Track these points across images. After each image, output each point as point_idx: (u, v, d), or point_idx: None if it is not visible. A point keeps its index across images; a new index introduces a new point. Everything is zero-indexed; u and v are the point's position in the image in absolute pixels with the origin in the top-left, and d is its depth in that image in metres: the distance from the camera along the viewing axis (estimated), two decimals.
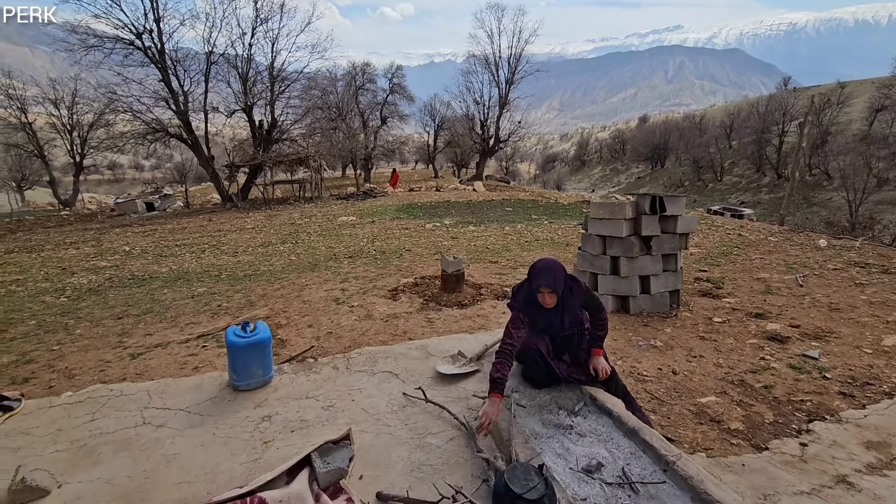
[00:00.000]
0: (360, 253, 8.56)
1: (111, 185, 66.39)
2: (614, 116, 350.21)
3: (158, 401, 2.90)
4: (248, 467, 2.32)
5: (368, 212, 15.41)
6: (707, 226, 10.57)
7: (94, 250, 10.59)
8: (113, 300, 6.24)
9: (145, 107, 19.18)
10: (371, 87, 37.74)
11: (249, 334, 2.94)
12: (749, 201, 41.04)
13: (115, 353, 4.31)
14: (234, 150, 21.41)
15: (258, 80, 22.02)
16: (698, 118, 66.69)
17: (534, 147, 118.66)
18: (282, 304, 5.60)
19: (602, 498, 2.04)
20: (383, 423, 2.64)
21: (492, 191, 23.95)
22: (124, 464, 2.35)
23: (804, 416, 2.81)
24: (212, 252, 9.69)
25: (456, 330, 4.38)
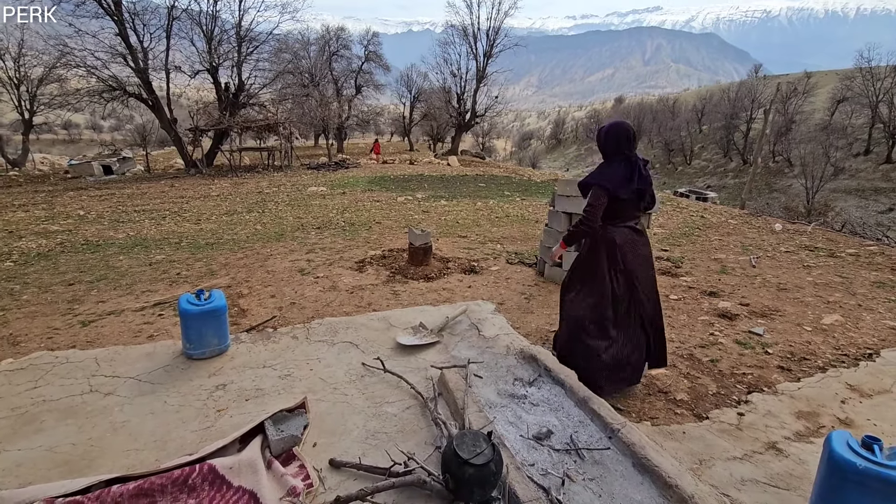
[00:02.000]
0: (329, 224, 8.42)
1: (66, 145, 62.67)
2: (591, 96, 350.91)
3: (107, 368, 2.81)
4: (199, 435, 2.29)
5: (340, 183, 15.10)
6: (672, 207, 10.85)
7: (46, 214, 10.04)
8: (64, 266, 5.96)
9: (101, 62, 17.97)
10: (346, 54, 36.49)
11: (204, 302, 2.87)
12: (715, 185, 42.30)
13: (64, 321, 4.14)
14: (199, 114, 20.43)
15: (224, 39, 20.91)
16: (672, 101, 67.64)
17: (511, 123, 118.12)
18: (244, 274, 5.47)
19: (549, 463, 2.12)
20: (341, 392, 2.64)
21: (466, 166, 23.83)
22: (69, 431, 2.29)
23: (745, 388, 2.97)
24: (173, 219, 9.34)
25: (421, 303, 4.39)
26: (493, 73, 34.06)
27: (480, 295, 4.64)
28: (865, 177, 37.35)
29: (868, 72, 40.34)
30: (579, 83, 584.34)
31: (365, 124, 39.55)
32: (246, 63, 21.59)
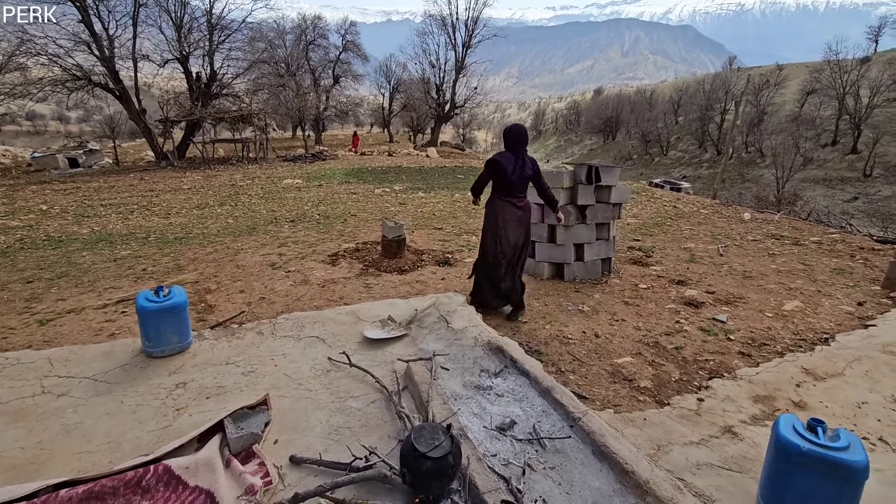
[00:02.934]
0: (303, 217, 8.29)
1: (31, 137, 60.19)
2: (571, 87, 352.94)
3: (61, 369, 2.72)
4: (156, 435, 2.24)
5: (316, 175, 14.88)
6: (647, 198, 11.01)
7: (5, 209, 9.64)
8: (23, 263, 5.74)
9: (63, 50, 17.24)
10: (323, 44, 35.78)
11: (162, 299, 2.79)
12: (690, 176, 43.16)
13: (20, 320, 3.98)
14: (170, 104, 19.83)
15: (194, 27, 20.28)
16: (649, 93, 68.51)
17: (492, 115, 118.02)
18: (213, 269, 5.36)
19: (511, 453, 2.13)
20: (305, 387, 2.61)
21: (445, 157, 23.74)
22: (18, 435, 2.21)
23: (706, 374, 3.04)
24: (141, 213, 9.07)
25: (393, 295, 4.37)
26: (472, 64, 33.92)
27: (454, 287, 4.63)
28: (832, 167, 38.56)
29: (836, 64, 41.50)
30: (559, 74, 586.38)
31: (343, 115, 38.95)
32: (218, 52, 20.99)
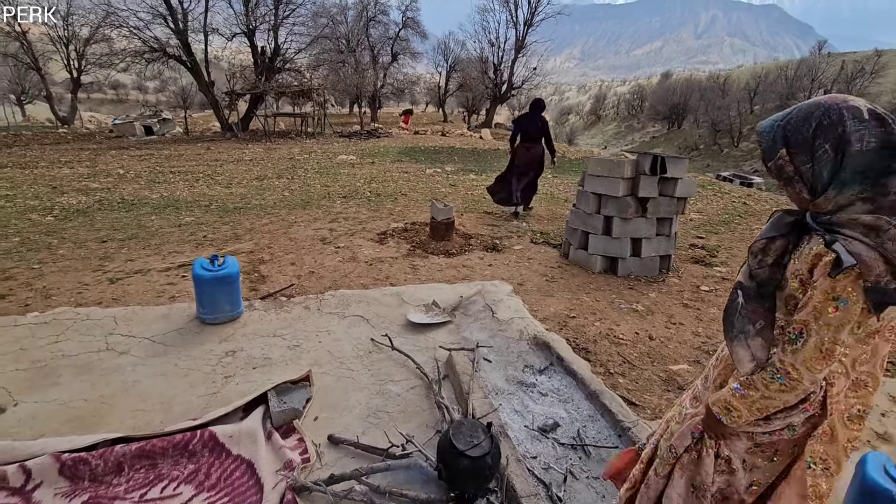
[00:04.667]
0: (355, 193, 8.39)
1: (114, 105, 64.83)
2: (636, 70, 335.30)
3: (124, 327, 2.87)
4: (205, 400, 2.31)
5: (370, 152, 15.02)
6: (713, 192, 10.29)
7: (88, 171, 10.41)
8: (100, 223, 6.16)
9: (143, 23, 18.24)
10: (383, 20, 35.75)
11: (217, 268, 2.87)
12: (762, 170, 40.12)
13: (94, 277, 4.27)
14: (236, 77, 20.59)
15: (261, 1, 20.79)
16: (722, 79, 63.78)
17: (549, 97, 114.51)
18: (268, 240, 5.52)
19: (553, 457, 2.03)
20: (346, 366, 2.62)
21: (499, 140, 23.29)
22: (82, 388, 2.35)
23: None
24: (205, 181, 9.51)
25: (439, 279, 4.32)
26: (532, 44, 32.82)
27: (500, 274, 4.52)
28: None
29: None
30: (624, 56, 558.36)
31: (400, 93, 39.06)
32: (282, 27, 21.47)
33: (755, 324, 1.15)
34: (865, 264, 0.95)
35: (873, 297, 0.96)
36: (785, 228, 1.14)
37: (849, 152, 0.99)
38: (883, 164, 0.97)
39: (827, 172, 1.02)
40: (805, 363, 1.02)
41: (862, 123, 0.98)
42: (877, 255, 0.95)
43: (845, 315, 0.98)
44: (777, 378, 1.06)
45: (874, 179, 0.98)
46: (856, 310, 0.97)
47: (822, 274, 1.00)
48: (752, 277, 1.18)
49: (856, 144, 0.98)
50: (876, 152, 0.97)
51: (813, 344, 1.01)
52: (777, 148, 1.08)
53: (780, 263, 1.13)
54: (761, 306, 1.15)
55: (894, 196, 0.97)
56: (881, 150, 0.97)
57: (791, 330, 1.06)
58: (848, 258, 0.96)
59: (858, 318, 0.99)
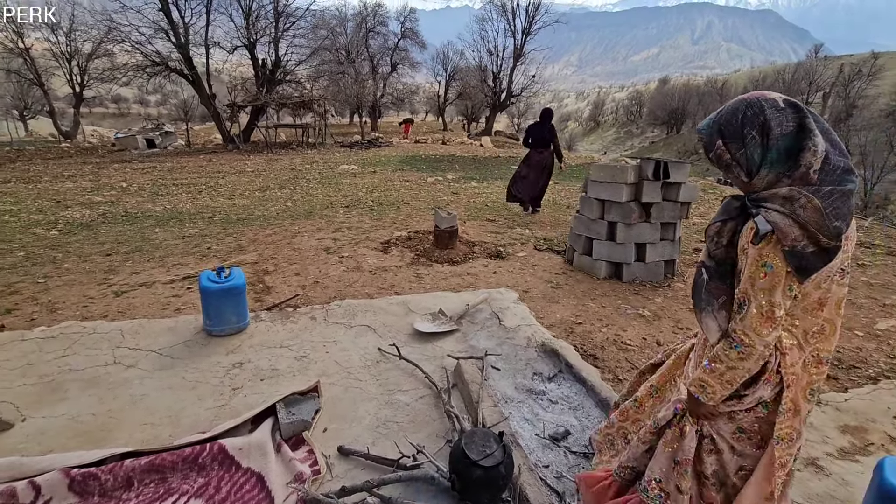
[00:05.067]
0: (357, 203, 8.41)
1: (116, 119, 65.37)
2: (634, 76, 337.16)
3: (131, 341, 2.87)
4: (213, 413, 2.30)
5: (371, 161, 15.09)
6: (715, 196, 10.29)
7: (91, 185, 10.46)
8: (104, 236, 6.18)
9: (144, 37, 18.44)
10: (382, 31, 36.16)
11: (223, 280, 2.87)
12: None
13: (99, 290, 4.27)
14: (237, 90, 20.76)
15: (262, 14, 21.05)
16: (720, 84, 64.14)
17: (548, 104, 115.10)
18: (272, 251, 5.52)
19: (565, 466, 2.02)
20: (354, 377, 2.61)
21: (499, 147, 23.40)
22: (90, 402, 2.34)
23: None
24: (208, 193, 9.55)
25: (444, 287, 4.31)
26: (531, 52, 33.11)
27: (505, 282, 4.51)
28: None
29: None
30: (622, 63, 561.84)
31: (399, 102, 39.33)
32: (283, 39, 21.70)
33: (718, 299, 1.27)
34: (781, 230, 1.09)
35: (793, 262, 1.09)
36: (734, 212, 1.27)
37: (772, 135, 1.13)
38: (799, 143, 1.11)
39: (757, 155, 1.16)
40: (753, 328, 1.14)
41: (779, 111, 1.13)
42: (791, 222, 1.09)
43: (773, 279, 1.12)
44: (735, 346, 1.18)
45: (794, 157, 1.12)
46: (781, 273, 1.11)
47: (748, 243, 1.15)
48: (711, 257, 1.31)
49: (776, 129, 1.13)
50: (794, 134, 1.12)
51: (755, 309, 1.14)
52: (714, 140, 1.22)
53: (732, 243, 1.25)
54: (723, 283, 1.27)
55: (804, 168, 1.11)
56: (798, 132, 1.12)
57: (737, 300, 1.19)
58: (764, 226, 1.11)
59: (786, 281, 1.12)
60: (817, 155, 1.10)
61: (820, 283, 1.17)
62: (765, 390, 1.24)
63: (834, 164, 1.12)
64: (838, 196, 1.09)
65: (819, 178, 1.11)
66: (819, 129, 1.12)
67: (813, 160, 1.10)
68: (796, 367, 1.23)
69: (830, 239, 1.07)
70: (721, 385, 1.23)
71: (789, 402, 1.23)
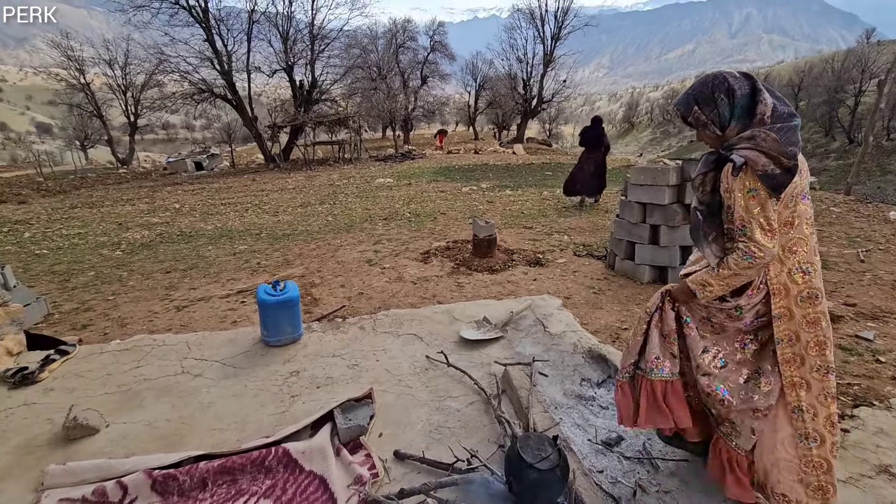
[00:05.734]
0: (395, 215, 8.60)
1: (165, 144, 69.39)
2: (669, 75, 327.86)
3: (196, 352, 3.07)
4: (275, 418, 2.43)
5: (406, 174, 15.37)
6: None
7: (148, 207, 11.17)
8: (162, 255, 6.59)
9: (192, 67, 19.61)
10: (412, 45, 36.89)
11: (279, 293, 3.03)
12: (814, 168, 38.00)
13: (162, 305, 4.57)
14: (277, 111, 21.68)
15: (298, 38, 21.98)
16: (763, 77, 61.43)
17: (580, 108, 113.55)
18: (317, 264, 5.74)
19: (619, 471, 2.01)
20: (405, 384, 2.69)
21: (532, 154, 23.31)
22: (164, 409, 2.52)
23: (849, 400, 2.64)
24: (254, 211, 10.01)
25: (485, 295, 4.36)
26: (561, 57, 32.92)
27: (546, 288, 4.51)
28: None
29: None
30: (655, 62, 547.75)
31: (431, 115, 39.89)
32: (318, 60, 22.55)
33: (710, 235, 1.60)
34: (752, 160, 1.43)
35: (766, 182, 1.42)
36: (712, 164, 1.60)
37: (736, 96, 1.50)
38: (754, 100, 1.49)
39: (727, 112, 1.53)
40: (760, 241, 1.45)
41: (737, 80, 1.52)
42: (757, 153, 1.43)
43: (759, 198, 1.44)
44: (746, 258, 1.47)
45: (752, 110, 1.49)
46: (763, 194, 1.43)
47: (729, 178, 1.49)
48: (701, 203, 1.64)
49: (738, 91, 1.50)
50: (749, 94, 1.50)
51: (756, 227, 1.45)
52: (691, 107, 1.58)
53: (715, 189, 1.58)
54: (713, 222, 1.60)
55: (760, 116, 1.48)
56: (752, 92, 1.50)
57: (737, 227, 1.50)
58: (739, 159, 1.46)
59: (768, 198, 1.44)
60: (767, 105, 1.47)
61: (787, 203, 1.49)
62: (744, 301, 1.57)
63: (780, 111, 1.47)
64: (787, 130, 1.44)
65: (771, 121, 1.46)
66: (766, 90, 1.49)
67: (765, 110, 1.47)
68: (780, 277, 1.53)
69: (789, 159, 1.41)
70: (720, 287, 1.55)
71: (781, 307, 1.54)
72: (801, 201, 1.51)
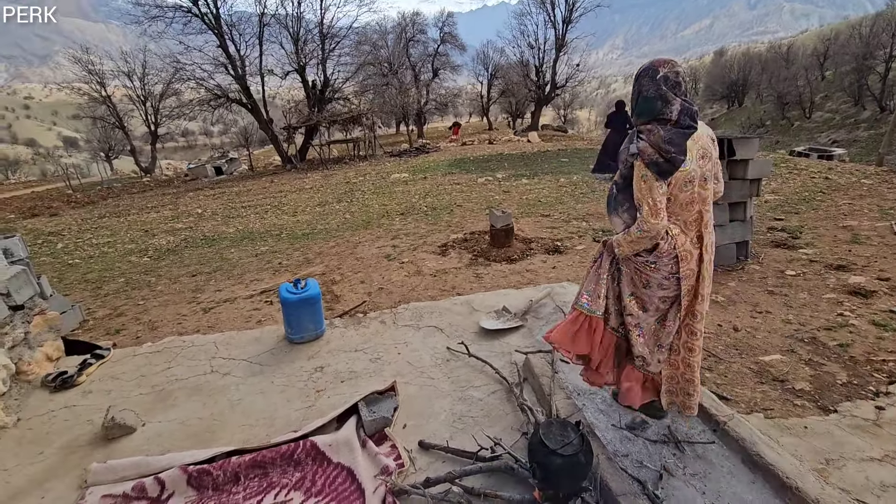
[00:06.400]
0: (412, 209, 8.63)
1: (185, 151, 70.90)
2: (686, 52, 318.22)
3: (224, 351, 3.15)
4: (302, 413, 2.49)
5: (421, 168, 15.38)
6: (788, 169, 9.57)
7: (172, 213, 11.47)
8: (188, 259, 6.77)
9: (207, 73, 19.94)
10: (422, 38, 36.66)
11: (301, 291, 3.08)
12: (843, 140, 36.55)
13: (189, 308, 4.71)
14: (291, 112, 21.90)
15: (309, 38, 22.08)
16: (785, 48, 59.14)
17: (594, 92, 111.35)
18: (336, 261, 5.81)
19: (645, 455, 2.00)
20: (427, 375, 2.71)
21: (547, 141, 23.01)
22: (195, 407, 2.61)
23: (885, 377, 2.56)
24: (273, 212, 10.17)
25: (504, 285, 4.35)
26: (573, 40, 32.21)
27: (565, 276, 4.48)
28: None
29: None
30: (671, 39, 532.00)
31: (443, 107, 39.68)
32: (329, 59, 22.63)
33: (623, 205, 1.88)
34: (642, 150, 1.71)
35: (652, 169, 1.69)
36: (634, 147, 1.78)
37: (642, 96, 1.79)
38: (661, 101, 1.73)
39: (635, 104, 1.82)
40: (647, 218, 1.72)
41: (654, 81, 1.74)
42: (646, 144, 1.70)
43: (649, 183, 1.71)
44: (638, 230, 1.77)
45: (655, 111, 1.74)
46: (652, 179, 1.70)
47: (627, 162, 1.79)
48: (622, 176, 1.85)
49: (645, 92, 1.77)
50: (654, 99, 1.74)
51: (646, 206, 1.72)
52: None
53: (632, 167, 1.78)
54: (625, 194, 1.85)
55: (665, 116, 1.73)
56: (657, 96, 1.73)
57: (636, 203, 1.77)
58: (633, 149, 1.73)
59: (658, 184, 1.70)
60: (673, 111, 1.71)
61: (682, 187, 1.73)
62: (653, 258, 1.83)
63: (684, 120, 1.71)
64: (677, 135, 1.69)
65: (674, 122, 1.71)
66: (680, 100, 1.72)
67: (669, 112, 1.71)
68: (686, 245, 1.81)
69: (667, 154, 1.68)
70: (628, 248, 1.85)
71: (687, 270, 1.83)
72: (705, 185, 1.78)
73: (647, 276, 1.88)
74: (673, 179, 1.70)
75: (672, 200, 1.75)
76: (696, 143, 1.73)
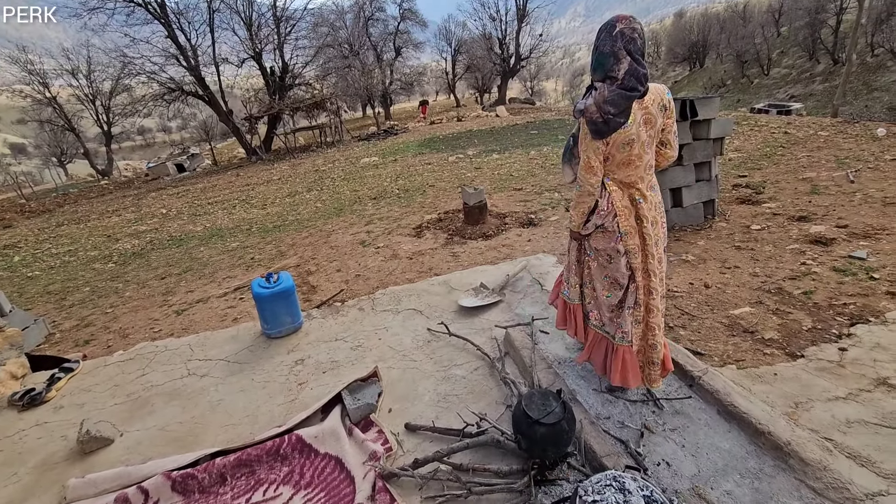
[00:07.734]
0: (384, 193, 8.52)
1: (144, 150, 67.97)
2: (647, 15, 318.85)
3: (200, 353, 3.08)
4: (285, 408, 2.46)
5: (390, 150, 15.15)
6: (749, 127, 9.79)
7: (135, 216, 11.04)
8: (155, 262, 6.55)
9: (157, 66, 19.02)
10: (381, 17, 35.67)
11: (273, 285, 3.02)
12: (800, 94, 37.54)
13: (161, 312, 4.57)
14: (251, 102, 21.17)
15: (262, 23, 21.25)
16: (742, 6, 59.88)
17: (559, 62, 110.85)
18: (311, 252, 5.71)
19: (626, 415, 2.05)
20: (409, 358, 2.71)
21: (515, 114, 22.92)
22: (175, 412, 2.55)
23: (846, 319, 2.67)
24: (242, 207, 9.90)
25: (480, 262, 4.36)
26: (534, 10, 31.98)
27: (541, 248, 4.51)
28: None
29: None
30: (632, 3, 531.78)
31: (409, 87, 38.97)
32: (286, 44, 21.88)
33: (575, 158, 1.92)
34: (587, 109, 1.75)
35: (590, 127, 1.75)
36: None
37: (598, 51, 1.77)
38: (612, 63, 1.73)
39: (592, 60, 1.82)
40: (583, 174, 1.83)
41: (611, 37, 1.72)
42: (590, 103, 1.74)
43: (588, 141, 1.78)
44: (578, 187, 1.87)
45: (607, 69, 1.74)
46: (590, 137, 1.76)
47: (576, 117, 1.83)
48: (578, 130, 1.89)
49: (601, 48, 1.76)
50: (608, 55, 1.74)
51: (584, 163, 1.81)
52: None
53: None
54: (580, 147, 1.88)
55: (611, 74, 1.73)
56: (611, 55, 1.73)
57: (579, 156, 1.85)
58: (580, 105, 1.78)
59: (595, 143, 1.77)
60: (620, 70, 1.71)
61: (619, 148, 1.76)
62: (599, 220, 1.89)
63: (630, 81, 1.70)
64: (619, 96, 1.69)
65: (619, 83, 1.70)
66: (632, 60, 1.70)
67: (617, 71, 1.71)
68: (623, 201, 1.85)
69: (606, 115, 1.71)
70: (576, 213, 1.94)
71: (626, 226, 1.86)
72: (645, 149, 1.80)
73: (606, 248, 1.91)
74: (610, 140, 1.74)
75: (609, 160, 1.81)
76: (642, 107, 1.73)
